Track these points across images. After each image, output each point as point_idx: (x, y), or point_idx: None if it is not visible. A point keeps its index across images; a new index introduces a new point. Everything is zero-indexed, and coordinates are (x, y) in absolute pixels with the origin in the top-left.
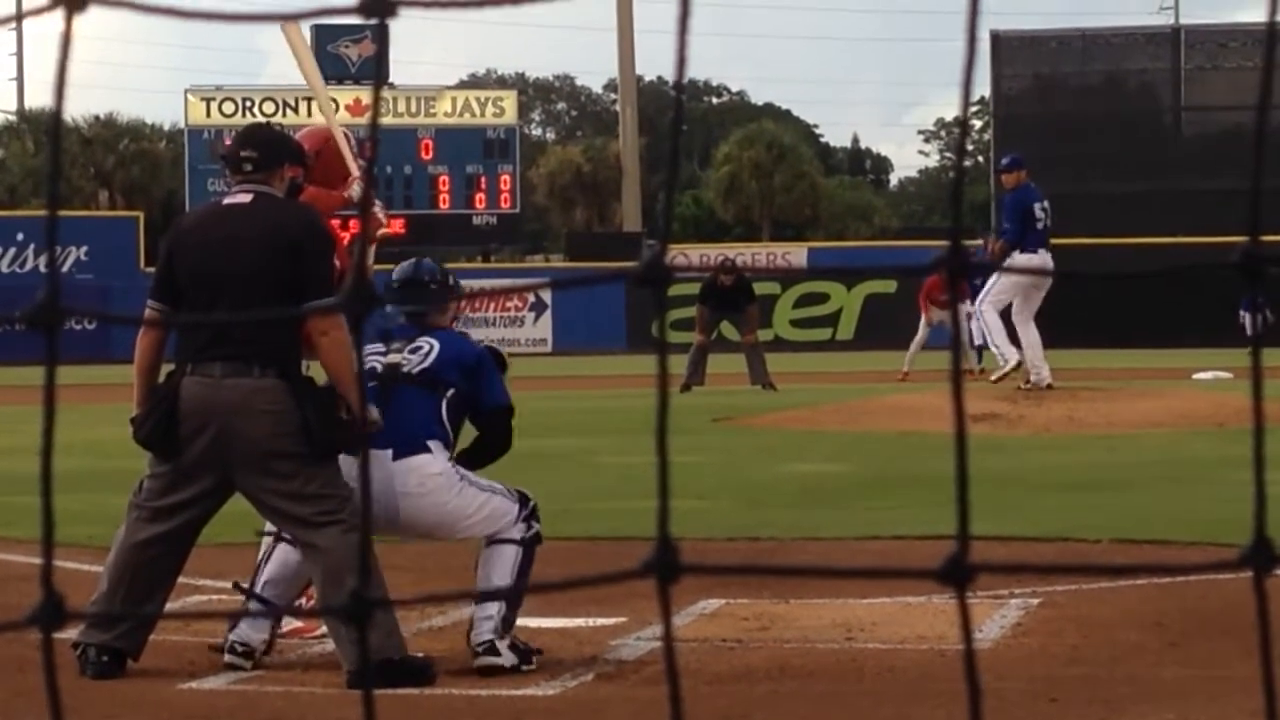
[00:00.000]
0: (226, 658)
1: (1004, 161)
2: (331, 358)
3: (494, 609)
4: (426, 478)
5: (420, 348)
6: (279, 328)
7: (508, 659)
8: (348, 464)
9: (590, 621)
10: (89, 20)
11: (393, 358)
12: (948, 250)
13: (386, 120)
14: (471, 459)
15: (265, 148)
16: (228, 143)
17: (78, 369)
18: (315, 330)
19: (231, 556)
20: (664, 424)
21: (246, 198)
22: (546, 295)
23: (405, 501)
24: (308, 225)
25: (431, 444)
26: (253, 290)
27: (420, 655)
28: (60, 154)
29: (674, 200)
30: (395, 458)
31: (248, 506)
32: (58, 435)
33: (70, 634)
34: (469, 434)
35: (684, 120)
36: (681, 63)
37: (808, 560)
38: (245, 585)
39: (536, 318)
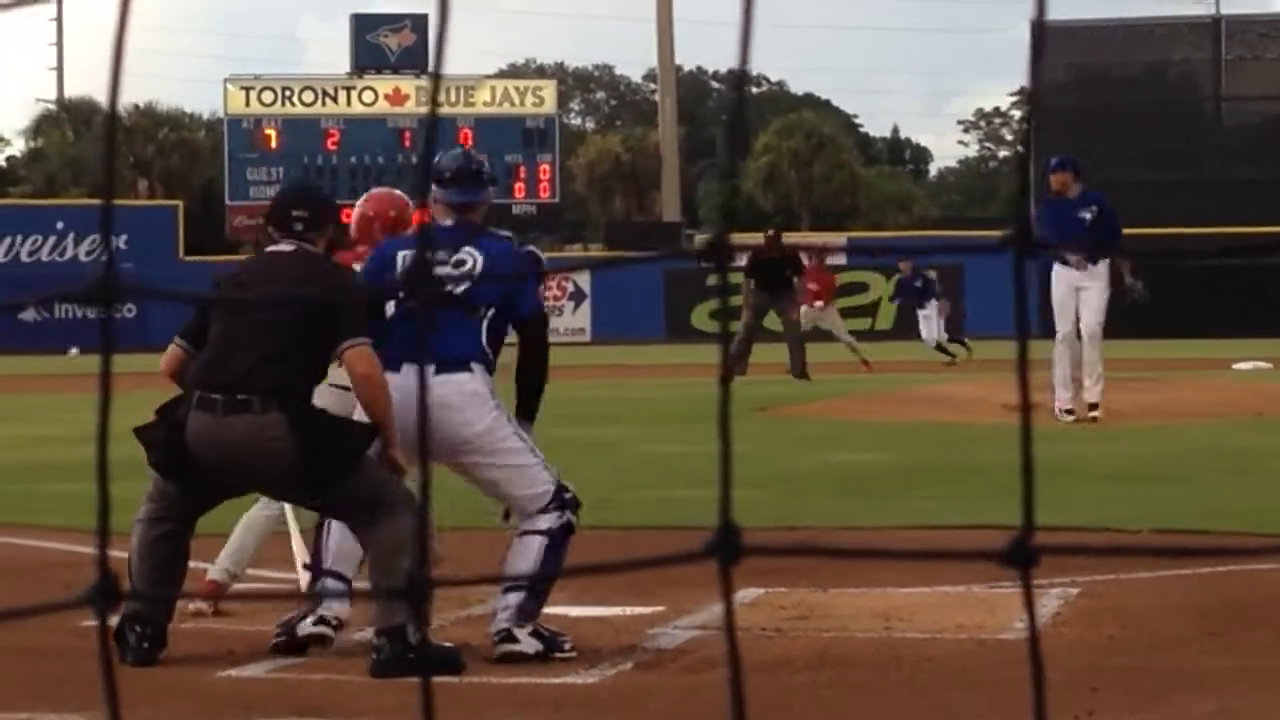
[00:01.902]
0: (315, 629)
1: (1052, 162)
2: (366, 398)
3: (513, 599)
4: (466, 393)
5: (464, 261)
6: (289, 366)
7: (529, 645)
8: (398, 383)
9: (628, 610)
10: (131, 8)
11: (438, 272)
12: (1014, 232)
13: (426, 110)
14: (521, 387)
15: (315, 209)
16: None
17: (118, 357)
18: (351, 370)
19: (270, 545)
20: (726, 406)
21: (289, 248)
22: (585, 284)
23: (443, 413)
24: (338, 275)
25: (474, 365)
26: (273, 326)
27: (449, 644)
28: (116, 131)
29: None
30: (437, 373)
31: None
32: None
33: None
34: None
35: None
36: (745, 50)
37: (830, 559)
38: (310, 564)
39: (575, 307)
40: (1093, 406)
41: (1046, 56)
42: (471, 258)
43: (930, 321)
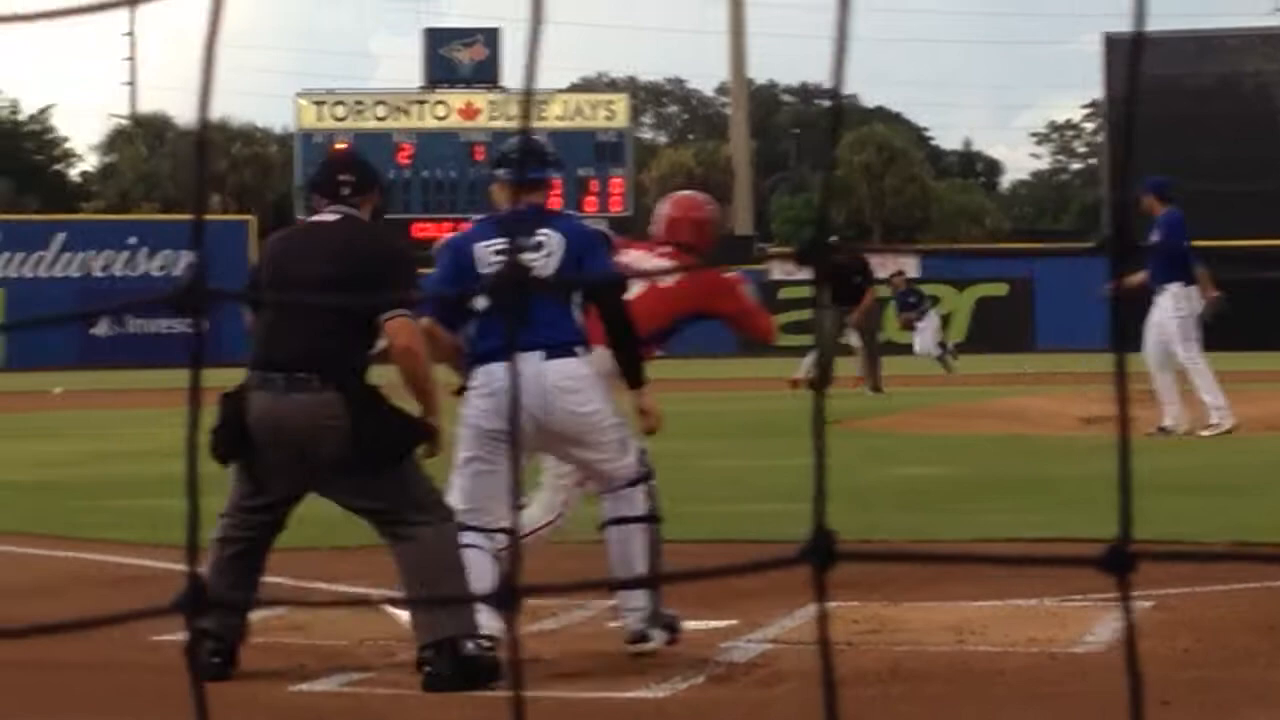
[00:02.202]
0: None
1: (1147, 183)
2: (408, 371)
3: (640, 599)
4: (577, 376)
5: (542, 244)
6: (346, 340)
7: (659, 638)
8: (503, 375)
9: (701, 624)
10: (202, 23)
11: (519, 258)
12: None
13: (498, 124)
14: (621, 358)
15: (361, 173)
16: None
17: (174, 373)
18: (393, 341)
19: (343, 560)
20: (820, 412)
21: (333, 218)
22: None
23: (556, 398)
24: (385, 245)
25: (577, 349)
26: (323, 302)
27: (490, 653)
28: (206, 144)
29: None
30: (548, 358)
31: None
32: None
33: (170, 636)
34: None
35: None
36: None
37: (923, 564)
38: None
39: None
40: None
41: (1119, 69)
42: (549, 240)
43: (924, 335)
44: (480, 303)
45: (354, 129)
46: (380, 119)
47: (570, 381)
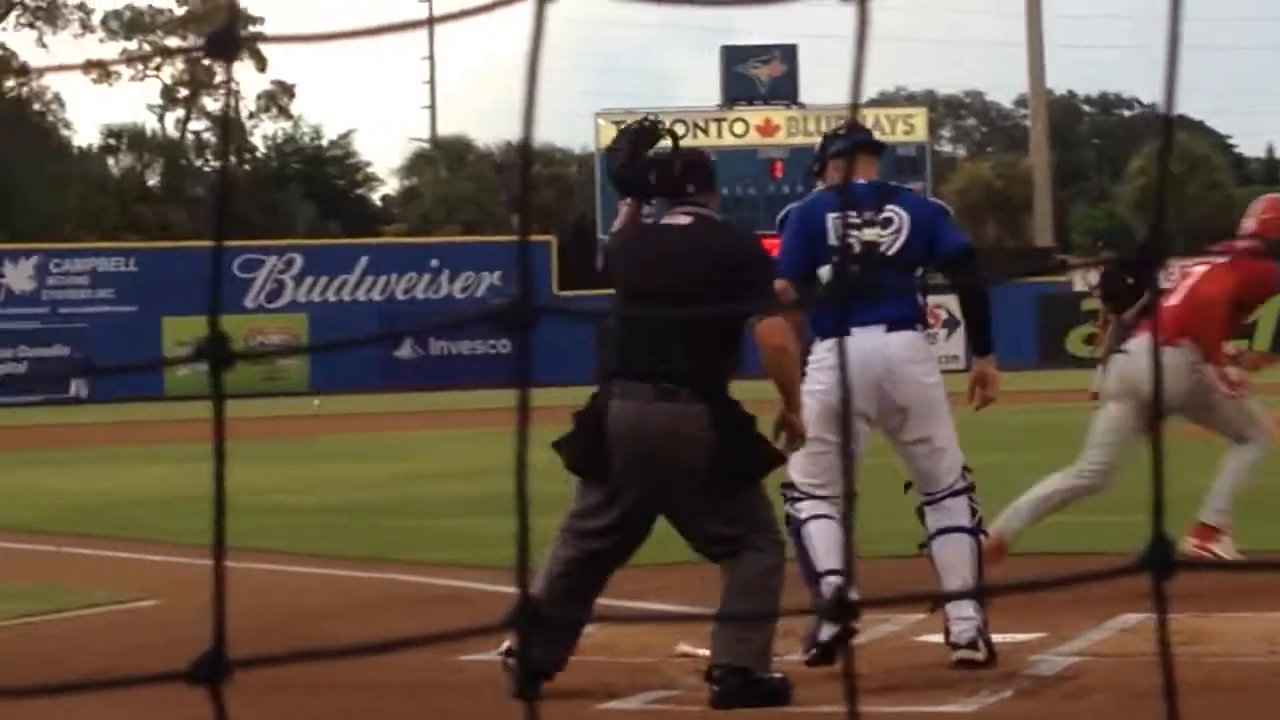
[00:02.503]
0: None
1: None
2: (776, 370)
3: (970, 609)
4: (919, 349)
5: (890, 220)
6: (712, 349)
7: (983, 653)
8: (856, 349)
9: (1008, 637)
10: (504, 46)
11: (868, 234)
12: None
13: (797, 140)
14: (973, 323)
15: (703, 170)
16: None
17: (502, 392)
18: (762, 342)
19: (653, 576)
20: (1158, 420)
21: (686, 219)
22: (959, 311)
23: (900, 369)
24: (745, 246)
25: (917, 325)
26: (688, 309)
27: (778, 674)
28: (529, 163)
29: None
30: (889, 331)
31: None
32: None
33: (478, 656)
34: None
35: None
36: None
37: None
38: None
39: (949, 334)
40: None
41: None
42: (897, 216)
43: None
44: (825, 274)
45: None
46: (680, 138)
47: (913, 353)
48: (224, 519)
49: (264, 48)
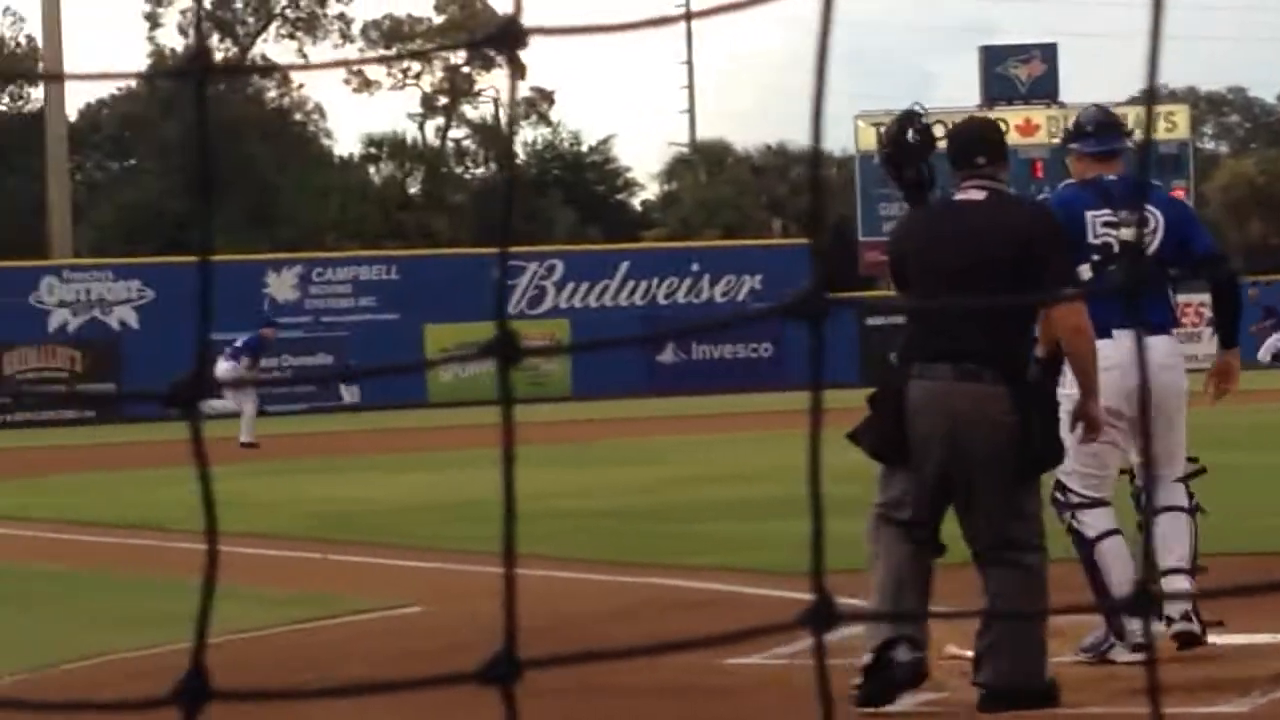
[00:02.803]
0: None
1: None
2: (1077, 352)
3: (1184, 584)
4: (1176, 354)
5: (1146, 220)
6: (1013, 330)
7: (1196, 625)
8: (1114, 351)
9: (1277, 637)
10: (761, 49)
11: (1125, 234)
12: None
13: (1057, 139)
14: (1223, 319)
15: (994, 141)
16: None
17: (753, 396)
18: (1062, 326)
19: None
20: None
21: (979, 195)
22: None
23: (1161, 375)
24: (1041, 221)
25: (1172, 329)
26: (983, 289)
27: (1048, 676)
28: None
29: None
30: (1150, 334)
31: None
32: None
33: (742, 660)
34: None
35: None
36: None
37: None
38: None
39: (1212, 333)
40: None
41: None
42: (1153, 216)
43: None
44: (1085, 273)
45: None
46: (939, 138)
47: (1173, 359)
48: (514, 521)
49: (523, 55)
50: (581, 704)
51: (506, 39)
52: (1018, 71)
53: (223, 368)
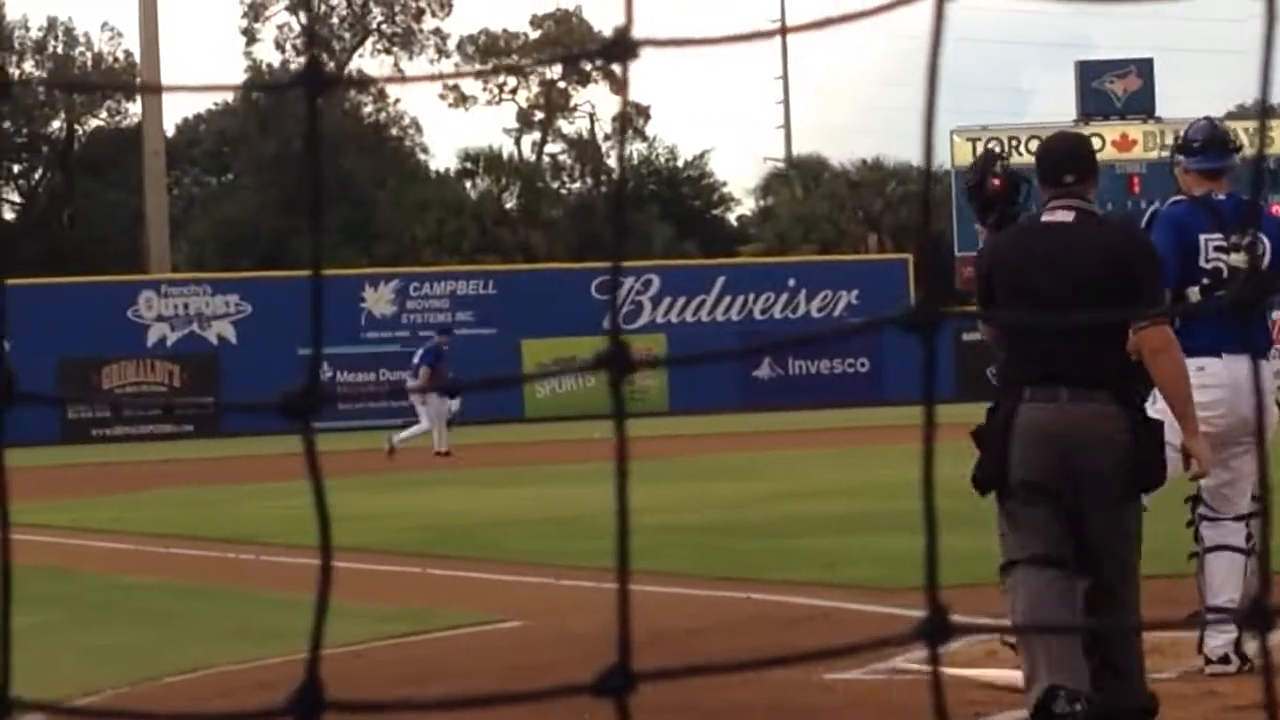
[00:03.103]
0: (1209, 669)
1: None
2: (1166, 378)
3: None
4: (1272, 379)
5: (1255, 245)
6: (1115, 350)
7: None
8: (1222, 372)
9: None
10: (855, 65)
11: (1235, 259)
12: None
13: (1153, 155)
14: None
15: (1084, 159)
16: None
17: (849, 411)
18: (1147, 349)
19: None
20: None
21: (1068, 215)
22: None
23: (1269, 399)
24: (1136, 242)
25: (1269, 352)
26: (1076, 311)
27: (1147, 693)
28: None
29: None
30: (1254, 359)
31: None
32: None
33: (844, 675)
34: None
35: None
36: None
37: None
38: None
39: None
40: None
41: None
42: (1261, 241)
43: None
44: (1194, 295)
45: (1010, 164)
46: (1034, 153)
47: (1271, 384)
48: (627, 534)
49: (617, 69)
50: None
51: (618, 51)
52: (1114, 86)
53: (410, 383)
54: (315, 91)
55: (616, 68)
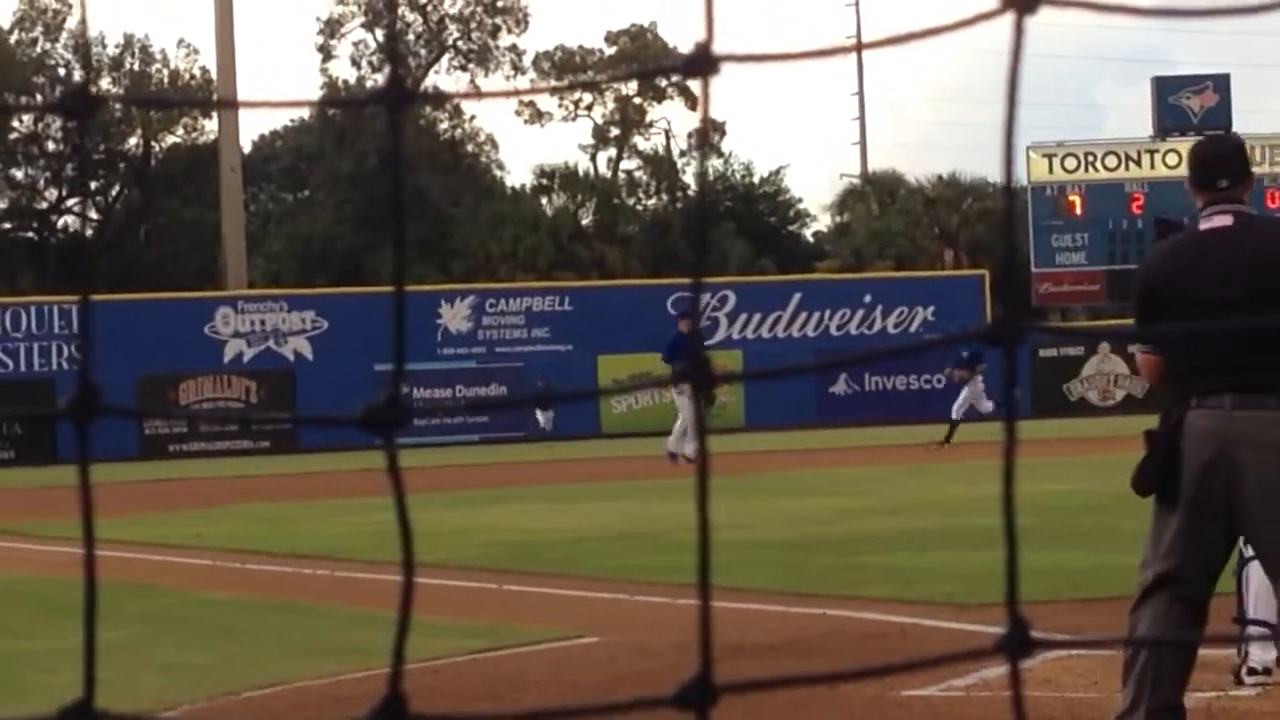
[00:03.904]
0: (1248, 679)
1: None
2: None
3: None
4: None
5: None
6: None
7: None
8: None
9: None
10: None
11: None
12: None
13: None
14: None
15: (1238, 163)
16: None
17: (924, 428)
18: None
19: (1086, 613)
20: None
21: (1226, 220)
22: None
23: None
24: None
25: None
26: (1256, 317)
27: None
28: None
29: None
30: None
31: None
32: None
33: (920, 692)
34: None
35: None
36: None
37: None
38: (1238, 615)
39: None
40: None
41: None
42: None
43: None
44: None
45: (1085, 180)
46: (1111, 169)
47: None
48: (709, 545)
49: (693, 85)
50: None
51: (699, 66)
52: (1190, 102)
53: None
54: (397, 106)
55: (696, 83)
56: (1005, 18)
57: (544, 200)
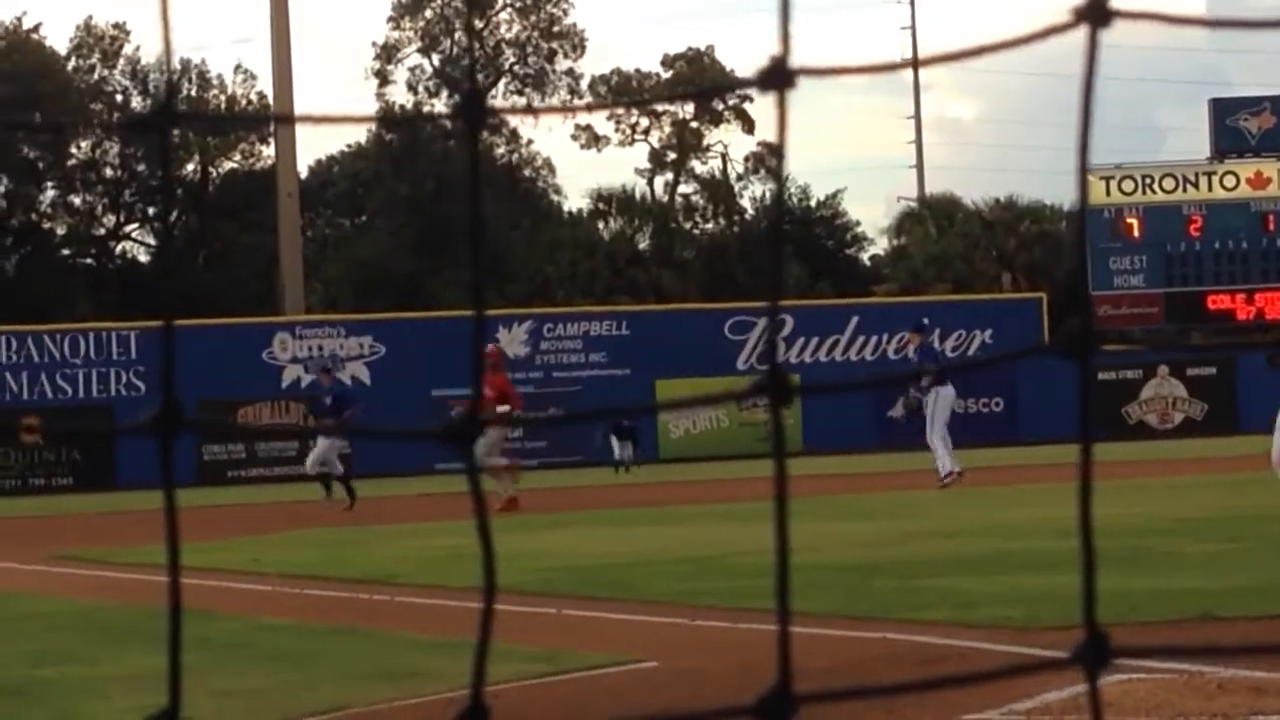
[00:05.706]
0: None
1: None
2: None
3: None
4: None
5: None
6: None
7: None
8: None
9: None
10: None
11: None
12: None
13: None
14: None
15: None
16: None
17: (983, 451)
18: None
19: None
20: None
21: None
22: None
23: None
24: None
25: None
26: None
27: None
28: (1086, 230)
29: None
30: None
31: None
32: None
33: (980, 715)
34: None
35: None
36: None
37: None
38: None
39: None
40: None
41: None
42: None
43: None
44: None
45: (1143, 202)
46: (1168, 191)
47: None
48: (788, 570)
49: (750, 109)
50: None
51: (775, 80)
52: (1248, 124)
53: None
54: (477, 121)
55: (767, 99)
56: (1061, 38)
57: (601, 224)
